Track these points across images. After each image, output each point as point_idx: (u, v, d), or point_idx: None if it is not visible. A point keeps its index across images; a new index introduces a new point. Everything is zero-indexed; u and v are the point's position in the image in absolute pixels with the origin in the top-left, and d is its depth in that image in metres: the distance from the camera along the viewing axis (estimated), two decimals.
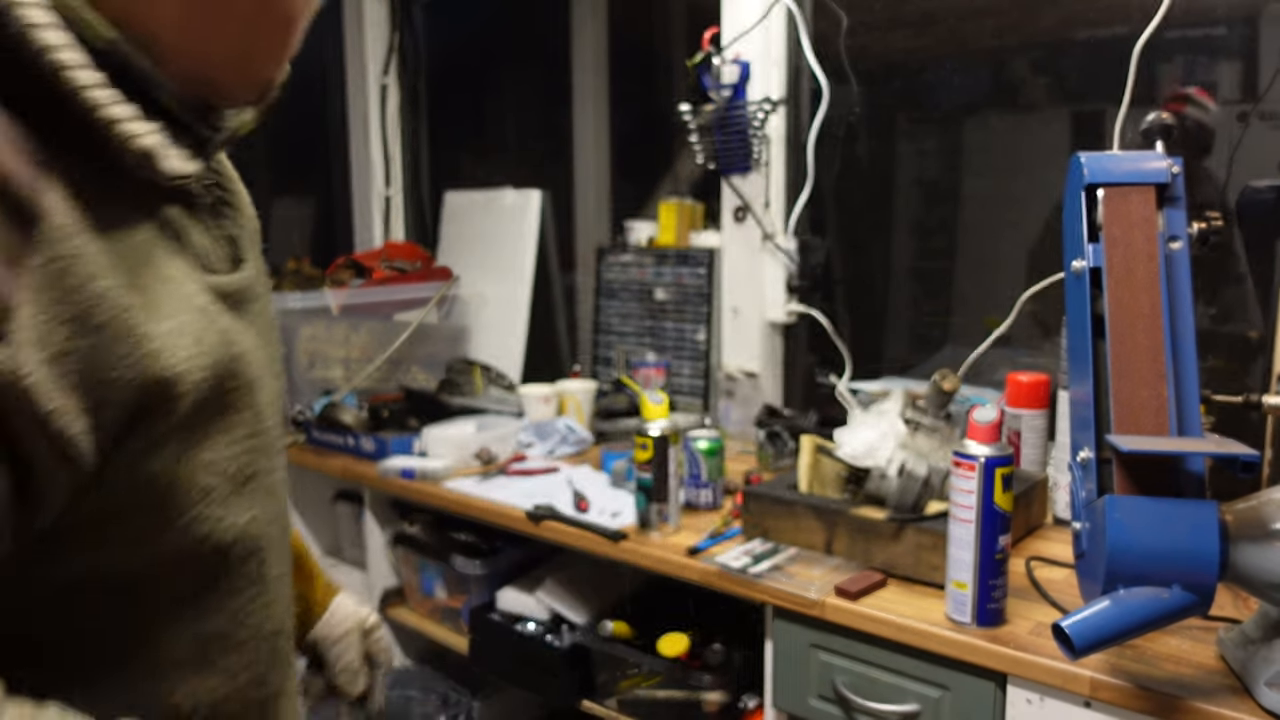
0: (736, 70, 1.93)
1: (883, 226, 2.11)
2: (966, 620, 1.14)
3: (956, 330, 1.97)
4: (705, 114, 1.97)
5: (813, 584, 1.26)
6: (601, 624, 1.59)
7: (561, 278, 2.62)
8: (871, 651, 1.22)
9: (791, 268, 2.05)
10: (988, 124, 1.93)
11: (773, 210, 2.05)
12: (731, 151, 2.01)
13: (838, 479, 1.47)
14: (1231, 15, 1.58)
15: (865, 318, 2.13)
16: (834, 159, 2.07)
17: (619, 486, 1.72)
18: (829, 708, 1.27)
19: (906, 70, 2.00)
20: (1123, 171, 1.01)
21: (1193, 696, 0.97)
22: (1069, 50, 1.76)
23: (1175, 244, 0.99)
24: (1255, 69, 1.57)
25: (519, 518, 1.61)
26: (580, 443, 2.00)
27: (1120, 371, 0.96)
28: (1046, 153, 1.83)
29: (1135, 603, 0.91)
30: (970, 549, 1.12)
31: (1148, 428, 0.95)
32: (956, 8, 1.90)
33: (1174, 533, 0.91)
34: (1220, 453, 0.93)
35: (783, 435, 1.78)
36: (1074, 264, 1.02)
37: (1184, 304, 0.98)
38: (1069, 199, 1.04)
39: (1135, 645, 1.08)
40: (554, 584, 1.76)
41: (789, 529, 1.39)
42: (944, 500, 1.26)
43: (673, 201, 2.22)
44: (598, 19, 2.51)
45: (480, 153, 2.94)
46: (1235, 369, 1.60)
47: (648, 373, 2.11)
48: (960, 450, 1.13)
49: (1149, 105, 1.57)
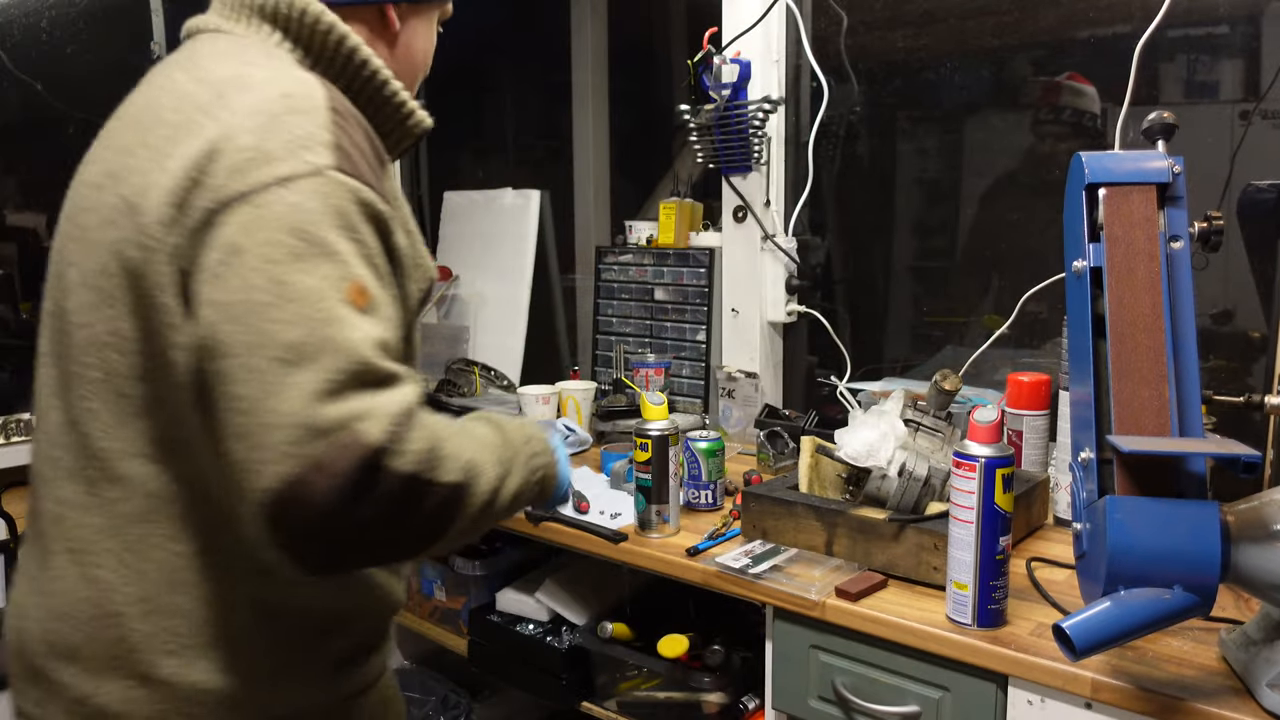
0: (736, 70, 1.93)
1: (883, 226, 2.11)
2: (967, 621, 1.13)
3: (956, 330, 1.97)
4: (705, 114, 1.97)
5: (813, 585, 1.26)
6: (601, 625, 1.59)
7: (561, 278, 2.62)
8: (872, 652, 1.22)
9: (791, 267, 2.05)
10: (988, 123, 1.93)
11: (773, 210, 2.04)
12: (731, 151, 2.00)
13: (838, 480, 1.47)
14: (1233, 14, 1.57)
15: (865, 318, 2.13)
16: (834, 158, 2.07)
17: (619, 487, 1.71)
18: (829, 709, 1.27)
19: (907, 69, 2.00)
20: (1124, 171, 1.00)
21: (1194, 698, 0.97)
22: (1070, 49, 1.76)
23: (1176, 243, 0.99)
24: (1257, 68, 1.56)
25: (518, 518, 1.61)
26: (580, 443, 2.00)
27: (1121, 372, 0.96)
28: (1049, 152, 1.83)
29: (1136, 604, 0.90)
30: (971, 550, 1.12)
31: (1149, 428, 0.94)
32: (957, 7, 1.89)
33: (1175, 534, 0.91)
34: (1221, 453, 0.93)
35: (783, 435, 1.77)
36: (1075, 264, 1.02)
37: (1185, 304, 0.98)
38: (1070, 198, 1.04)
39: (1136, 646, 1.08)
40: (553, 585, 1.75)
41: (789, 530, 1.39)
42: (944, 501, 1.25)
43: (673, 201, 2.22)
44: (598, 18, 2.51)
45: (480, 153, 2.93)
46: (1236, 369, 1.60)
47: (647, 373, 2.11)
48: (961, 451, 1.13)
49: (1150, 104, 1.57)
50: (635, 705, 1.57)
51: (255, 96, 0.81)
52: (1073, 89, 1.77)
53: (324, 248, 0.76)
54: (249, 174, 0.76)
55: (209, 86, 0.83)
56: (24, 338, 2.09)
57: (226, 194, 0.76)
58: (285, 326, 0.72)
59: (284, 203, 0.76)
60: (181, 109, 0.83)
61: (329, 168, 0.78)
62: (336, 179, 0.78)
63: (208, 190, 0.77)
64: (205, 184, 0.77)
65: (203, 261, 0.76)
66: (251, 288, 0.73)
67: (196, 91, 0.84)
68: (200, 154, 0.78)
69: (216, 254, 0.75)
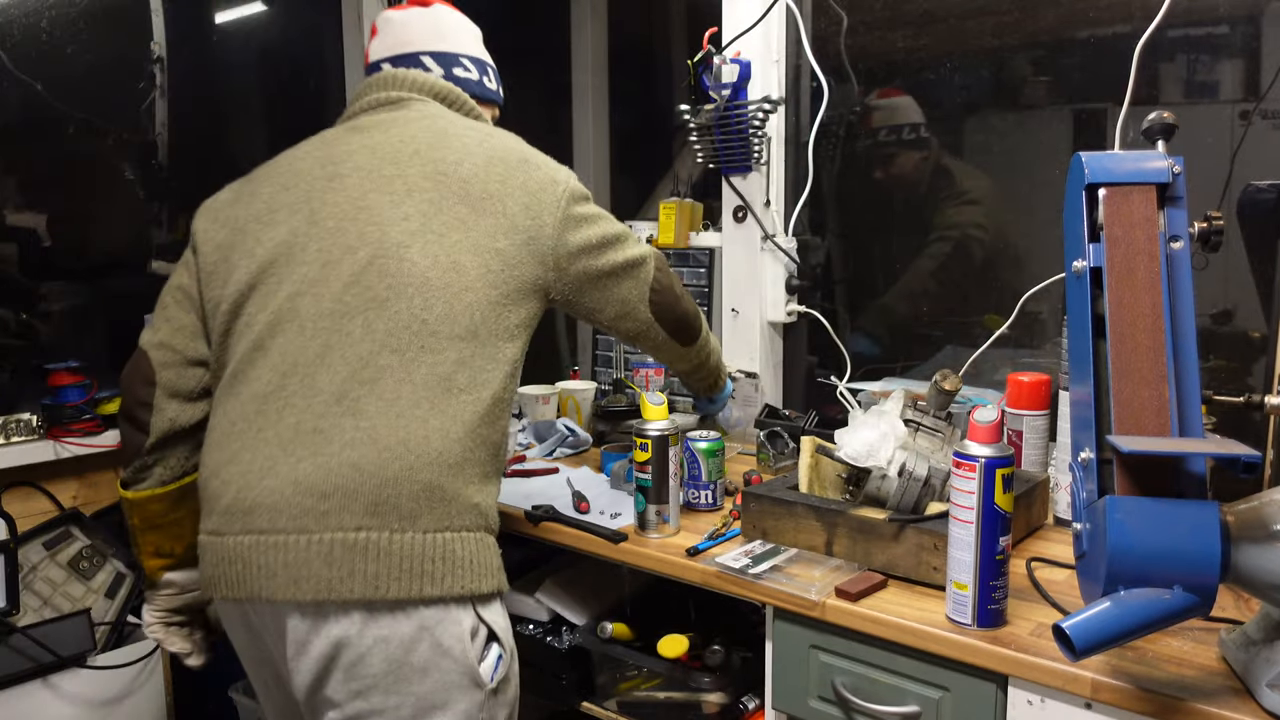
0: (736, 70, 1.93)
1: (883, 226, 2.11)
2: (967, 621, 1.13)
3: (956, 330, 1.97)
4: (705, 114, 1.97)
5: (813, 585, 1.26)
6: (601, 625, 1.59)
7: None
8: (872, 653, 1.22)
9: (791, 267, 2.05)
10: (988, 123, 1.93)
11: (773, 210, 2.04)
12: (731, 151, 2.00)
13: (838, 480, 1.47)
14: (1233, 14, 1.57)
15: (865, 317, 2.13)
16: (834, 158, 2.07)
17: (618, 487, 1.71)
18: (829, 709, 1.27)
19: (907, 69, 1.99)
20: (1124, 171, 1.00)
21: (1194, 698, 0.97)
22: (1070, 49, 1.76)
23: (1176, 244, 0.99)
24: (1257, 68, 1.56)
25: (518, 518, 1.61)
26: (580, 444, 2.00)
27: (1121, 372, 0.96)
28: (1047, 152, 1.83)
29: (1136, 604, 0.91)
30: (971, 550, 1.12)
31: (1149, 428, 0.94)
32: (957, 7, 1.89)
33: (1175, 534, 0.91)
34: (1221, 453, 0.93)
35: (783, 435, 1.77)
36: (1075, 264, 1.02)
37: (1185, 304, 0.98)
38: (1070, 198, 1.04)
39: (1136, 646, 1.08)
40: (553, 585, 1.75)
41: (789, 530, 1.39)
42: (944, 501, 1.25)
43: (673, 201, 2.22)
44: (598, 19, 2.51)
45: None
46: (1236, 369, 1.59)
47: (648, 373, 2.11)
48: (961, 451, 1.13)
49: (1150, 104, 1.57)
50: (635, 705, 1.57)
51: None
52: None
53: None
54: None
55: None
56: (24, 338, 2.09)
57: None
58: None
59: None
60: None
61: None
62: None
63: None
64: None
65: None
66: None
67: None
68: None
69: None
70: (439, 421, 1.19)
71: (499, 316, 1.27)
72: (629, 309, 1.45)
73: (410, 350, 1.20)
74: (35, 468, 1.95)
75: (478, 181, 1.29)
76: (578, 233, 1.35)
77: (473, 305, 1.24)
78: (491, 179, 1.30)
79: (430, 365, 1.21)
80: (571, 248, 1.34)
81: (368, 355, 1.20)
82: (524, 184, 1.32)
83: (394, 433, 1.18)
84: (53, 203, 2.17)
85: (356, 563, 1.14)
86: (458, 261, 1.24)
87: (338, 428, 1.18)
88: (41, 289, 2.12)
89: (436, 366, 1.21)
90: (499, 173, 1.31)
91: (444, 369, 1.21)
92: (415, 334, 1.21)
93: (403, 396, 1.19)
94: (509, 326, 1.29)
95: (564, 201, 1.34)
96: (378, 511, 1.15)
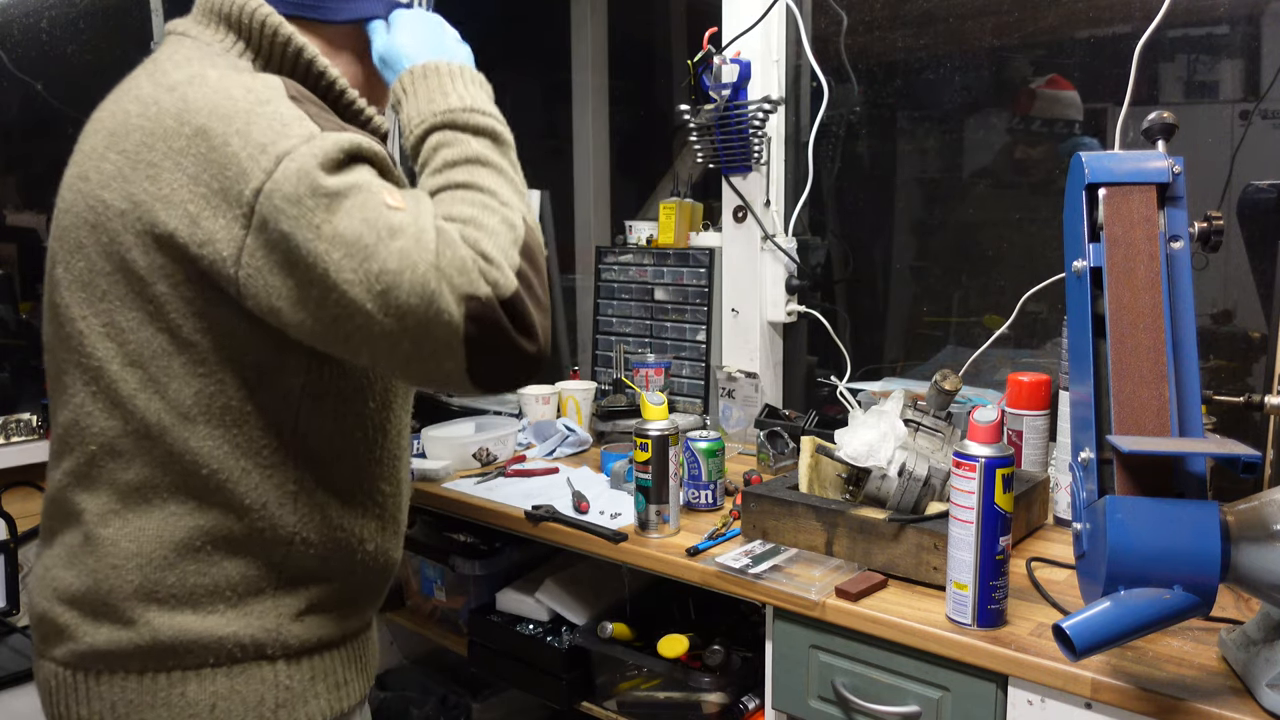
0: (736, 70, 1.93)
1: (883, 226, 2.11)
2: (967, 621, 1.13)
3: (956, 330, 1.97)
4: (705, 114, 1.97)
5: (813, 585, 1.26)
6: (601, 625, 1.59)
7: (561, 278, 2.62)
8: (872, 653, 1.22)
9: (791, 267, 2.05)
10: (988, 123, 1.93)
11: (773, 210, 2.04)
12: (731, 151, 2.00)
13: (838, 480, 1.47)
14: (1233, 14, 1.57)
15: (865, 318, 2.13)
16: (834, 158, 2.07)
17: (618, 487, 1.71)
18: (829, 709, 1.27)
19: (907, 69, 2.00)
20: (1124, 171, 1.00)
21: (1194, 698, 0.97)
22: (1070, 49, 1.76)
23: (1176, 243, 0.99)
24: (1257, 68, 1.56)
25: (518, 518, 1.61)
26: (580, 443, 2.00)
27: (1121, 371, 0.96)
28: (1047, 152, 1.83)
29: (1136, 604, 0.90)
30: (971, 550, 1.12)
31: (1149, 428, 0.94)
32: (957, 6, 1.89)
33: (1175, 533, 0.91)
34: (1221, 453, 0.93)
35: (783, 435, 1.77)
36: (1075, 264, 1.02)
37: (1185, 304, 0.98)
38: (1070, 198, 1.04)
39: (1136, 646, 1.08)
40: (553, 585, 1.75)
41: (789, 530, 1.39)
42: (944, 501, 1.25)
43: (673, 201, 2.22)
44: (598, 19, 2.51)
45: None
46: (1236, 369, 1.59)
47: (648, 373, 2.11)
48: (961, 451, 1.13)
49: (1150, 104, 1.57)
50: (635, 705, 1.57)
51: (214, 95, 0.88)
52: (1053, 97, 1.79)
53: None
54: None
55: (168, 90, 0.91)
56: (24, 338, 2.09)
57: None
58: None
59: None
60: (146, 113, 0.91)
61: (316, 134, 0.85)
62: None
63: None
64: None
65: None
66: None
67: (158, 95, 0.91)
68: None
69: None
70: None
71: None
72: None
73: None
74: (35, 468, 1.95)
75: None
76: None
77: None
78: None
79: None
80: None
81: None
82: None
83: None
84: (53, 203, 2.16)
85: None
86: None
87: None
88: (42, 289, 2.12)
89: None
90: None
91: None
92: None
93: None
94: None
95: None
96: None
